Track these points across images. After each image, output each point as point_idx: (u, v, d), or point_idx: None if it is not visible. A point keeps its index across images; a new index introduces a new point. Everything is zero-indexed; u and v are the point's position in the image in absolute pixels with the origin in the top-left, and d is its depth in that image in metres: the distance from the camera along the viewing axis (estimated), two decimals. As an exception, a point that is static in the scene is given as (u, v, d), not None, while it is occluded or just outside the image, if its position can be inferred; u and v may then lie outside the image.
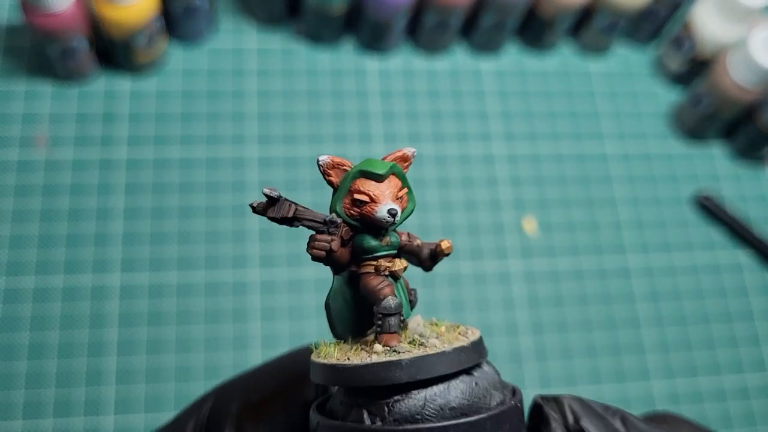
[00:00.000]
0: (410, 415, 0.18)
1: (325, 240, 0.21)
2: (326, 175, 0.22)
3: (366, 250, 0.21)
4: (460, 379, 0.19)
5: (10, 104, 0.56)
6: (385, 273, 0.21)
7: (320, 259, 0.21)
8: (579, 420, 0.22)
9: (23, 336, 0.50)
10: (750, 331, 0.60)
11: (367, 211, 0.21)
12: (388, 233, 0.22)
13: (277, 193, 0.21)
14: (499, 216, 0.60)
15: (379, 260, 0.21)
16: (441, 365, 0.19)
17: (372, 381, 0.19)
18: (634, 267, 0.60)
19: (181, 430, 0.27)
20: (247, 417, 0.26)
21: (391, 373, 0.18)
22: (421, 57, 0.64)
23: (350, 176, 0.21)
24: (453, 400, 0.19)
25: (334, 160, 0.22)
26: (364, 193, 0.21)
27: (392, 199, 0.21)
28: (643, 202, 0.63)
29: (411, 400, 0.19)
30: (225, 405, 0.27)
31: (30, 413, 0.48)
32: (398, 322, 0.20)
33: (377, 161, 0.21)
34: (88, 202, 0.54)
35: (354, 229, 0.21)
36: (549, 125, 0.64)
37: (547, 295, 0.58)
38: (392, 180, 0.21)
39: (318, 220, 0.21)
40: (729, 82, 0.59)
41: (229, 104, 0.59)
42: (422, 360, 0.18)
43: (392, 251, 0.22)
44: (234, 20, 0.62)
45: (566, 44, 0.67)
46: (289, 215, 0.21)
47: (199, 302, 0.53)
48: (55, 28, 0.51)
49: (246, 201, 0.56)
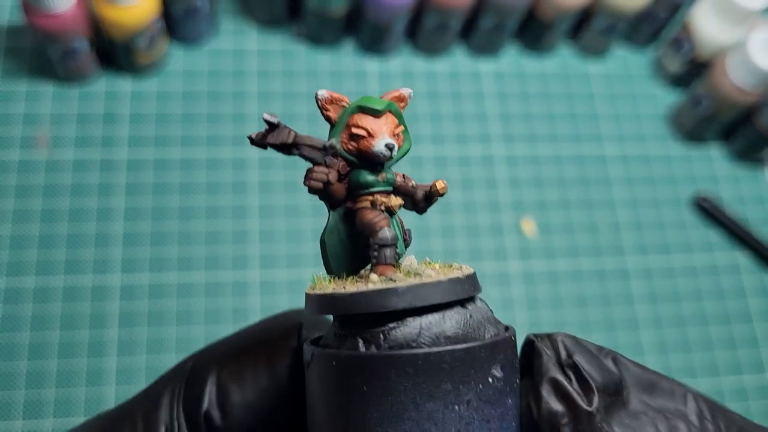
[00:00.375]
0: (405, 342, 0.18)
1: (323, 171, 0.21)
2: (324, 110, 0.22)
3: (362, 185, 0.22)
4: (454, 310, 0.19)
5: (12, 105, 0.56)
6: (381, 208, 0.21)
7: (317, 191, 0.21)
8: (572, 355, 0.21)
9: (24, 336, 0.50)
10: (748, 332, 0.60)
11: (365, 145, 0.21)
12: (385, 169, 0.22)
13: (277, 119, 0.21)
14: (498, 217, 0.60)
15: (375, 195, 0.21)
16: (436, 294, 0.19)
17: (368, 308, 0.19)
18: (632, 268, 0.60)
19: (158, 396, 0.26)
20: (229, 378, 0.26)
21: (387, 300, 0.19)
22: (420, 59, 0.64)
23: (348, 111, 0.21)
24: (448, 329, 0.19)
25: (333, 96, 0.22)
26: (362, 128, 0.21)
27: (390, 135, 0.21)
28: (642, 204, 0.63)
29: (406, 328, 0.19)
30: (205, 367, 0.26)
31: (30, 413, 0.49)
32: (394, 253, 0.21)
33: (373, 98, 0.22)
34: (89, 203, 0.54)
35: (350, 164, 0.22)
36: (548, 127, 0.64)
37: (545, 296, 0.58)
38: (389, 117, 0.22)
39: (317, 146, 0.21)
40: (728, 84, 0.59)
41: (230, 105, 0.59)
42: (418, 288, 0.19)
43: (388, 188, 0.22)
44: (234, 22, 0.62)
45: (565, 46, 0.67)
46: (289, 141, 0.21)
47: (200, 302, 0.53)
48: (57, 29, 0.51)
49: (246, 202, 0.57)
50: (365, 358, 0.19)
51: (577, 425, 0.20)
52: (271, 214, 0.57)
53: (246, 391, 0.25)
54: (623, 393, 0.21)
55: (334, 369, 0.19)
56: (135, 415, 0.26)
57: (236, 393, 0.25)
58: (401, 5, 0.57)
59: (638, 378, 0.22)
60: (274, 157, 0.58)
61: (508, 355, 0.19)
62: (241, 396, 0.25)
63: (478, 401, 0.18)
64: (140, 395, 0.27)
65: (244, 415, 0.25)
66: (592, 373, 0.21)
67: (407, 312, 0.19)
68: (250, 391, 0.25)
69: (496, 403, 0.18)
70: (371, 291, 0.19)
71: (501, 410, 0.19)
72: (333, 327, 0.21)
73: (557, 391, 0.21)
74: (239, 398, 0.25)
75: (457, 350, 0.18)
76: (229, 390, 0.25)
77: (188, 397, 0.25)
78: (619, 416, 0.21)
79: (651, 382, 0.22)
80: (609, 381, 0.21)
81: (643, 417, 0.21)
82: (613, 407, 0.21)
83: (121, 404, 0.27)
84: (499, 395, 0.19)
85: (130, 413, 0.26)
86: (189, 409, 0.25)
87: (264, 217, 0.56)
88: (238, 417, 0.25)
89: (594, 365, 0.21)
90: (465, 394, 0.18)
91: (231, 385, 0.25)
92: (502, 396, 0.19)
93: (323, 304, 0.20)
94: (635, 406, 0.21)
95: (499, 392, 0.19)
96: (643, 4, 0.61)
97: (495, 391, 0.18)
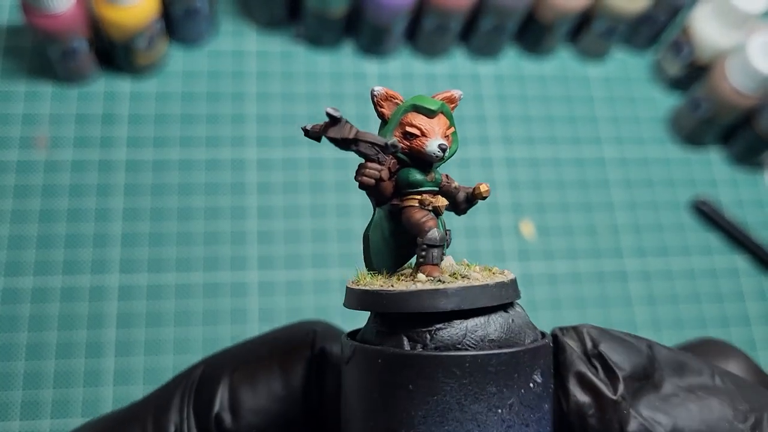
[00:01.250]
0: (451, 343, 0.19)
1: (376, 168, 0.21)
2: (379, 107, 0.22)
3: (411, 183, 0.21)
4: (498, 314, 0.20)
5: (11, 105, 0.56)
6: (429, 207, 0.21)
7: (368, 187, 0.21)
8: (598, 345, 0.22)
9: (21, 336, 0.50)
10: (747, 335, 0.60)
11: (418, 144, 0.21)
12: (434, 170, 0.22)
13: (339, 114, 0.21)
14: (497, 219, 0.60)
15: (424, 195, 0.22)
16: (484, 297, 0.19)
17: (417, 308, 0.19)
18: (631, 271, 0.60)
19: (168, 397, 0.26)
20: (242, 382, 0.26)
21: (437, 300, 0.19)
22: (420, 60, 0.64)
23: (402, 109, 0.22)
24: (492, 333, 0.19)
25: (388, 93, 0.22)
26: (416, 127, 0.21)
27: (442, 136, 0.21)
28: (641, 207, 0.63)
29: (452, 329, 0.19)
30: (217, 370, 0.26)
31: (28, 413, 0.48)
32: (441, 254, 0.21)
33: (427, 98, 0.22)
34: (88, 203, 0.54)
35: (401, 162, 0.22)
36: (547, 129, 0.64)
37: (544, 298, 0.58)
38: (441, 118, 0.22)
39: (379, 143, 0.21)
40: (727, 87, 0.59)
41: (229, 106, 0.59)
42: (467, 290, 0.19)
43: (435, 188, 0.22)
44: (234, 23, 0.62)
45: (565, 49, 0.67)
46: (350, 136, 0.21)
47: (198, 303, 0.53)
48: (56, 29, 0.51)
49: (245, 203, 0.57)
50: (412, 357, 0.19)
51: (603, 414, 0.20)
52: (270, 215, 0.57)
53: (258, 396, 0.25)
54: (654, 376, 0.22)
55: (378, 365, 0.19)
56: (145, 417, 0.26)
57: (248, 397, 0.25)
58: (401, 7, 0.57)
59: (668, 360, 0.22)
60: (273, 159, 0.58)
61: (547, 361, 0.20)
62: (253, 400, 0.25)
63: (520, 405, 0.18)
64: (149, 397, 0.27)
65: (255, 419, 0.25)
66: (618, 360, 0.21)
67: (455, 314, 0.19)
68: (263, 395, 0.25)
69: (535, 408, 0.19)
70: (421, 291, 0.19)
71: (539, 415, 0.19)
72: (374, 324, 0.21)
73: (582, 383, 0.21)
74: (251, 402, 0.25)
75: (503, 354, 0.18)
76: (241, 394, 0.25)
77: (199, 400, 0.26)
78: (648, 399, 0.21)
79: (681, 363, 0.22)
80: (638, 366, 0.22)
81: (674, 398, 0.21)
82: (643, 391, 0.21)
83: (128, 406, 0.27)
84: (538, 400, 0.19)
85: (139, 415, 0.26)
86: (199, 412, 0.25)
87: (262, 218, 0.56)
88: (250, 421, 0.25)
89: (622, 352, 0.22)
90: (508, 398, 0.18)
91: (243, 390, 0.25)
92: (540, 401, 0.19)
93: (367, 300, 0.20)
94: (666, 389, 0.21)
95: (538, 397, 0.19)
96: (642, 8, 0.62)
97: (535, 396, 0.19)
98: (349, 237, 0.57)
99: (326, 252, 0.56)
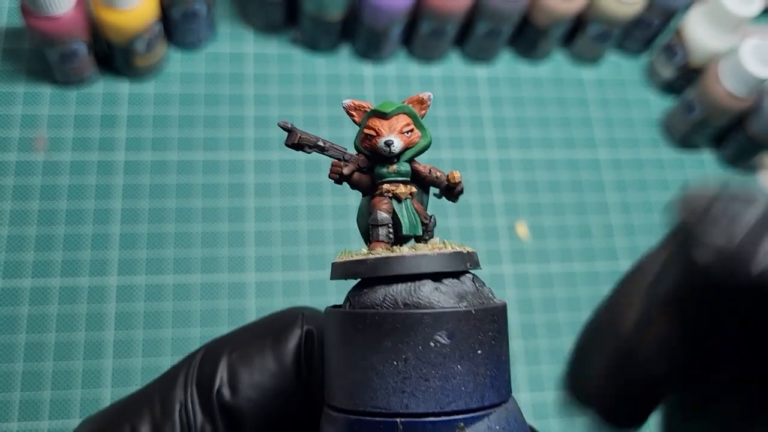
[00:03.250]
0: (371, 304, 0.22)
1: (339, 165, 0.26)
2: (350, 116, 0.26)
3: (376, 175, 0.25)
4: (423, 282, 0.22)
5: (10, 106, 0.57)
6: (388, 195, 0.25)
7: (336, 181, 0.26)
8: None
9: (20, 337, 0.50)
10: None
11: (373, 143, 0.25)
12: (399, 163, 0.25)
13: (290, 125, 0.26)
14: (492, 221, 0.60)
15: (385, 184, 0.25)
16: (401, 266, 0.22)
17: (346, 275, 0.23)
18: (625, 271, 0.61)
19: (172, 379, 0.29)
20: (239, 360, 0.29)
21: (357, 268, 0.23)
22: (416, 63, 0.65)
23: (367, 116, 0.26)
24: (406, 298, 0.22)
25: (355, 103, 0.26)
26: (372, 128, 0.25)
27: (395, 133, 0.25)
28: (635, 208, 0.63)
29: (374, 294, 0.22)
30: (216, 352, 0.29)
31: (26, 414, 0.49)
32: (387, 233, 0.24)
33: (390, 103, 0.25)
34: (86, 205, 0.55)
35: (370, 159, 0.26)
36: (542, 131, 0.65)
37: (539, 299, 0.58)
38: (400, 118, 0.25)
39: (311, 143, 0.26)
40: (720, 90, 0.60)
41: (227, 109, 0.60)
42: (385, 260, 0.22)
43: (400, 178, 0.25)
44: (232, 26, 0.63)
45: (559, 52, 0.68)
46: (295, 141, 0.26)
47: (196, 304, 0.53)
48: (55, 31, 0.51)
49: (244, 204, 0.57)
50: (335, 314, 0.23)
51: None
52: (268, 217, 0.57)
53: (254, 372, 0.28)
54: None
55: (326, 323, 0.24)
56: (152, 396, 0.29)
57: (245, 374, 0.28)
58: (397, 11, 0.57)
59: None
60: (271, 160, 0.59)
61: (461, 327, 0.22)
62: (249, 376, 0.28)
63: (417, 360, 0.21)
64: (155, 381, 0.30)
65: (252, 393, 0.28)
66: None
67: (379, 280, 0.22)
68: (258, 372, 0.28)
69: (439, 366, 0.21)
70: (347, 261, 0.23)
71: (444, 372, 0.21)
72: None
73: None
74: (248, 378, 0.28)
75: (399, 314, 0.21)
76: (238, 371, 0.28)
77: (201, 378, 0.28)
78: None
79: None
80: None
81: None
82: None
83: (137, 390, 0.30)
84: (443, 359, 0.21)
85: (146, 395, 0.29)
86: (201, 389, 0.28)
87: (260, 220, 0.57)
88: (247, 394, 0.28)
89: None
90: (403, 353, 0.21)
91: (240, 367, 0.28)
92: (447, 360, 0.21)
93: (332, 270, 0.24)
94: None
95: (443, 356, 0.21)
96: (635, 12, 0.62)
97: (438, 354, 0.21)
98: (345, 238, 0.57)
99: (323, 253, 0.57)
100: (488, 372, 0.22)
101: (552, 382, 0.56)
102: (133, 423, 0.28)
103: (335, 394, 0.22)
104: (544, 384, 0.56)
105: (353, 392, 0.22)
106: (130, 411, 0.28)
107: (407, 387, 0.21)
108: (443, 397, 0.21)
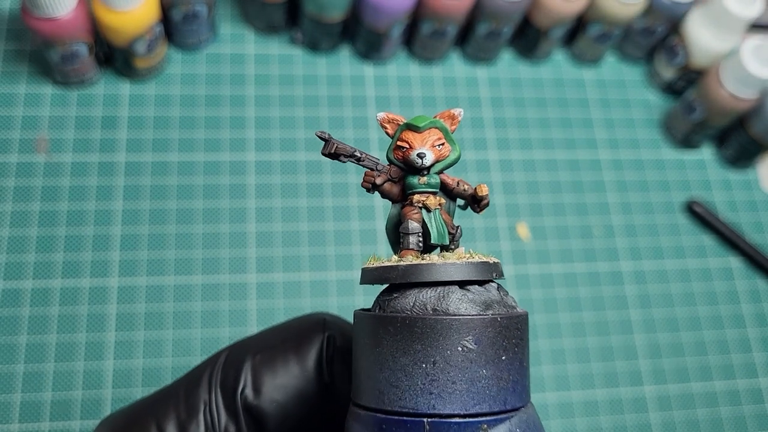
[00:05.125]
0: (401, 309, 0.23)
1: (371, 175, 0.27)
2: (384, 129, 0.27)
3: (407, 186, 0.26)
4: (451, 289, 0.23)
5: (11, 108, 0.57)
6: (418, 205, 0.26)
7: (368, 189, 0.27)
8: None
9: (21, 338, 0.51)
10: (741, 336, 0.61)
11: (405, 155, 0.26)
12: (429, 175, 0.26)
13: (327, 135, 0.26)
14: (493, 221, 0.60)
15: (416, 195, 0.26)
16: (429, 274, 0.23)
17: (377, 280, 0.24)
18: (626, 272, 0.61)
19: (197, 379, 0.30)
20: (263, 363, 0.29)
21: (388, 274, 0.24)
22: (417, 64, 0.65)
23: (399, 129, 0.26)
24: (435, 304, 0.23)
25: (389, 116, 0.27)
26: (405, 141, 0.26)
27: (427, 147, 0.26)
28: (636, 209, 0.63)
29: (405, 299, 0.23)
30: (240, 354, 0.30)
31: (27, 416, 0.49)
32: (417, 241, 0.25)
33: (422, 117, 0.26)
34: (87, 206, 0.55)
35: (402, 170, 0.26)
36: (543, 132, 0.65)
37: (539, 300, 0.58)
38: (432, 132, 0.26)
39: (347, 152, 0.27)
40: (721, 90, 0.60)
41: (228, 109, 0.60)
42: (414, 267, 0.23)
43: (429, 189, 0.26)
44: (233, 27, 0.63)
45: (560, 53, 0.68)
46: (332, 151, 0.26)
47: (197, 305, 0.53)
48: (56, 33, 0.51)
49: (245, 205, 0.57)
50: (367, 317, 0.24)
51: None
52: (269, 218, 0.57)
53: (277, 375, 0.29)
54: None
55: (355, 325, 0.24)
56: (176, 395, 0.29)
57: (269, 376, 0.29)
58: (398, 12, 0.57)
59: None
60: (272, 161, 0.59)
61: (488, 333, 0.22)
62: (272, 379, 0.29)
63: (445, 364, 0.22)
64: (180, 379, 0.30)
65: (275, 395, 0.29)
66: None
67: (409, 286, 0.23)
68: (281, 374, 0.29)
69: (466, 370, 0.22)
70: (379, 267, 0.24)
71: (470, 376, 0.22)
72: None
73: None
74: (271, 380, 0.29)
75: (429, 319, 0.22)
76: (262, 373, 0.29)
77: (225, 380, 0.29)
78: None
79: None
80: None
81: None
82: None
83: (159, 390, 0.31)
84: (470, 364, 0.22)
85: (171, 394, 0.30)
86: (226, 390, 0.29)
87: (261, 221, 0.57)
88: (270, 396, 0.29)
89: None
90: (432, 356, 0.22)
91: (264, 370, 0.29)
92: (474, 365, 0.22)
93: (362, 276, 0.25)
94: None
95: (470, 361, 0.22)
96: (635, 13, 0.62)
97: (465, 359, 0.22)
98: (346, 239, 0.57)
99: (324, 254, 0.57)
100: (511, 377, 0.23)
101: (553, 382, 0.56)
102: (159, 422, 0.29)
103: (363, 393, 0.23)
104: (545, 384, 0.56)
105: (382, 392, 0.22)
106: (156, 410, 0.29)
107: (435, 389, 0.22)
108: (468, 399, 0.22)
